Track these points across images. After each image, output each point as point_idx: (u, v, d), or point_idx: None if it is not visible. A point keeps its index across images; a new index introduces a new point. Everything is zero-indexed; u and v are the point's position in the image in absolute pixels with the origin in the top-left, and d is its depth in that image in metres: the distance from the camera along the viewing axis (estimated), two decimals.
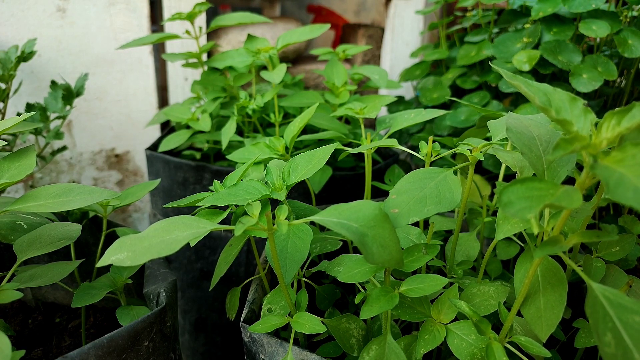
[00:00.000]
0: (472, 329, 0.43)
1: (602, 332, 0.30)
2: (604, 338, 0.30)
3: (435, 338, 0.43)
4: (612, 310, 0.31)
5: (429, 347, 0.42)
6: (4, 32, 0.96)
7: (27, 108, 0.82)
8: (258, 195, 0.50)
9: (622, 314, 0.30)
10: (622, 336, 0.29)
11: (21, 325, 0.65)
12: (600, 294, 0.32)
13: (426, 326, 0.44)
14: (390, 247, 0.39)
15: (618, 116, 0.32)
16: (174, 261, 0.96)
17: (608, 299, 0.31)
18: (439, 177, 0.43)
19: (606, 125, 0.32)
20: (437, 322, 0.44)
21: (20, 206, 0.45)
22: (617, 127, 0.32)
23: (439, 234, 0.64)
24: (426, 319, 0.45)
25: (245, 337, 0.49)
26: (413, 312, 0.45)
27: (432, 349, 0.42)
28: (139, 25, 1.06)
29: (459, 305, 0.42)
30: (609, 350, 0.30)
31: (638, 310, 0.30)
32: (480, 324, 0.41)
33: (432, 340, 0.43)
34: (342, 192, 0.85)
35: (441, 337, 0.43)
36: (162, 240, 0.37)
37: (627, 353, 0.29)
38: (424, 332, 0.44)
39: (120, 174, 1.17)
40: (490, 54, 0.94)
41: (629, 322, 0.30)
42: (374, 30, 1.39)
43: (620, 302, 0.31)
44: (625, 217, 0.61)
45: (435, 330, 0.44)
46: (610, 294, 0.32)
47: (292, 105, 0.84)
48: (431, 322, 0.44)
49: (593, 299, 0.32)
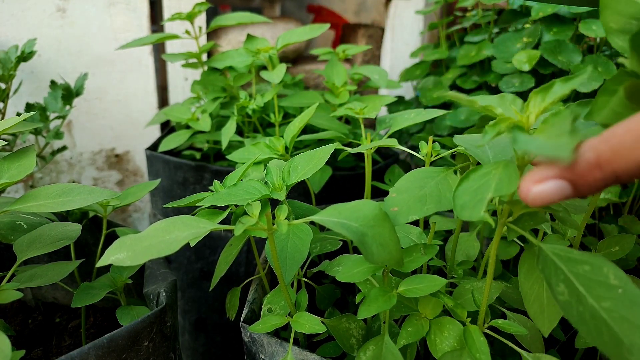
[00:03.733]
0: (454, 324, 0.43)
1: (555, 284, 0.33)
2: (557, 289, 0.32)
3: (417, 331, 0.43)
4: (562, 264, 0.33)
5: (409, 340, 0.43)
6: (4, 32, 0.96)
7: (27, 108, 0.82)
8: (258, 195, 0.50)
9: (572, 266, 0.33)
10: (574, 284, 0.32)
11: (21, 325, 0.65)
12: (550, 252, 0.34)
13: (411, 319, 0.45)
14: (390, 246, 0.39)
15: (542, 93, 0.34)
16: (174, 261, 0.96)
17: (558, 255, 0.34)
18: (439, 177, 0.43)
19: (532, 103, 0.35)
20: (422, 316, 0.45)
21: (20, 206, 0.45)
22: (542, 103, 0.34)
23: (439, 233, 0.64)
24: (412, 313, 0.45)
25: (245, 337, 0.49)
26: (401, 307, 0.46)
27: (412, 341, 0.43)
28: (139, 25, 1.06)
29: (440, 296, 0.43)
30: (563, 298, 0.32)
31: (585, 260, 0.33)
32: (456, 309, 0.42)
33: (415, 333, 0.43)
34: (342, 192, 0.85)
35: (424, 331, 0.43)
36: (162, 240, 0.37)
37: (580, 298, 0.31)
38: (408, 325, 0.44)
39: (120, 174, 1.17)
40: (490, 54, 0.94)
41: (579, 272, 0.32)
42: (374, 30, 1.39)
43: (569, 256, 0.33)
44: (625, 217, 0.61)
45: (420, 324, 0.44)
46: (559, 251, 0.34)
47: (292, 105, 0.84)
48: (417, 315, 0.45)
49: (544, 257, 0.34)
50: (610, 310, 0.30)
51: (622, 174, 0.25)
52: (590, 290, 0.31)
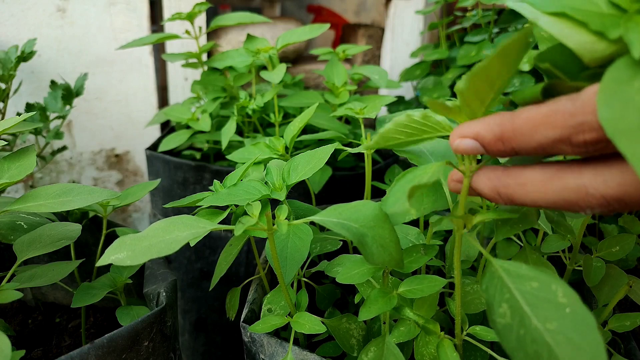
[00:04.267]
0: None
1: (497, 304, 0.31)
2: (499, 310, 0.30)
3: (409, 332, 0.44)
4: (509, 280, 0.31)
5: (400, 339, 0.44)
6: (4, 32, 0.96)
7: (27, 108, 0.82)
8: (258, 195, 0.50)
9: (520, 282, 0.31)
10: (519, 304, 0.30)
11: (21, 325, 0.65)
12: (499, 266, 0.32)
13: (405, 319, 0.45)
14: (390, 247, 0.39)
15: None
16: (174, 261, 0.96)
17: (507, 270, 0.32)
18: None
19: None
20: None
21: (20, 206, 0.45)
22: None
23: (439, 233, 0.64)
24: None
25: (245, 337, 0.49)
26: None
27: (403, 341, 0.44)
28: (139, 25, 1.06)
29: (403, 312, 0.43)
30: (503, 321, 0.30)
31: (535, 276, 0.30)
32: (427, 324, 0.42)
33: (406, 333, 0.44)
34: (342, 192, 0.85)
35: (415, 332, 0.44)
36: (162, 240, 0.37)
37: (524, 319, 0.29)
38: (401, 324, 0.45)
39: (120, 174, 1.17)
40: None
41: (526, 289, 0.30)
42: (374, 30, 1.39)
43: (518, 272, 0.31)
44: (625, 217, 0.61)
45: (413, 325, 0.44)
46: (509, 266, 0.32)
47: (292, 105, 0.84)
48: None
49: (490, 273, 0.32)
50: (555, 332, 0.28)
51: (520, 150, 0.30)
52: (536, 310, 0.29)
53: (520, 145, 0.30)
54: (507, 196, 0.32)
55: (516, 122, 0.30)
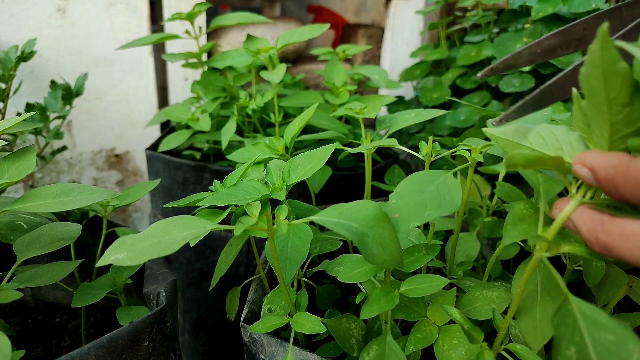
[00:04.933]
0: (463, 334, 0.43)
1: (565, 345, 0.29)
2: (566, 352, 0.29)
3: (426, 338, 0.43)
4: (584, 324, 0.29)
5: (418, 346, 0.43)
6: (4, 32, 0.96)
7: (27, 108, 0.82)
8: (258, 195, 0.50)
9: (595, 330, 0.29)
10: (588, 353, 0.28)
11: (21, 325, 0.65)
12: (576, 306, 0.31)
13: (420, 325, 0.44)
14: (390, 247, 0.39)
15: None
16: (174, 261, 0.96)
17: (583, 313, 0.30)
18: (439, 180, 0.42)
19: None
20: (431, 322, 0.45)
21: (20, 206, 0.45)
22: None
23: (439, 233, 0.64)
24: (421, 319, 0.45)
25: (245, 337, 0.49)
26: (409, 312, 0.46)
27: (421, 348, 0.43)
28: (139, 25, 1.06)
29: (450, 312, 0.42)
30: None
31: (612, 328, 0.28)
32: (472, 331, 0.41)
33: (423, 340, 0.43)
34: (342, 192, 0.85)
35: (433, 338, 0.43)
36: (162, 240, 0.37)
37: None
38: (417, 331, 0.44)
39: (120, 174, 1.17)
40: (490, 54, 0.94)
41: (600, 339, 0.28)
42: (374, 30, 1.39)
43: (594, 317, 0.29)
44: None
45: (428, 330, 0.44)
46: (586, 309, 0.30)
47: (292, 105, 0.84)
48: (426, 322, 0.45)
49: (566, 310, 0.31)
50: None
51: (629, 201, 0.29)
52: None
53: (630, 195, 0.28)
54: (604, 244, 0.29)
55: (631, 171, 0.27)
